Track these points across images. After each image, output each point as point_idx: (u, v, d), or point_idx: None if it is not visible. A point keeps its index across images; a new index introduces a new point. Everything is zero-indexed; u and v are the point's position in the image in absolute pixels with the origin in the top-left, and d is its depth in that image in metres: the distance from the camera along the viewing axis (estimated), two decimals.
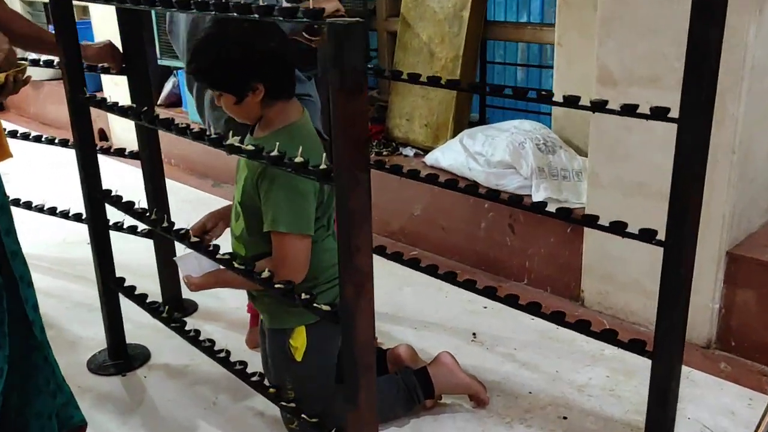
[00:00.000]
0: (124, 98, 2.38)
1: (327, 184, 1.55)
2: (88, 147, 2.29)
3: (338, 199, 1.37)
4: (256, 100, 1.77)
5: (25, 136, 2.81)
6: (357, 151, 1.31)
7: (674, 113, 1.70)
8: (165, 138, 2.71)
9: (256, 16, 1.47)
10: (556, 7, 3.25)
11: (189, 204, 4.12)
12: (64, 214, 2.93)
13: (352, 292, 1.43)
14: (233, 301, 2.92)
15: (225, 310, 2.95)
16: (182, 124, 1.80)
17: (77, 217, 2.90)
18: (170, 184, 2.93)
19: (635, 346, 1.95)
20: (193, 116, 4.41)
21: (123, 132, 5.12)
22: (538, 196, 2.98)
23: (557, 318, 2.15)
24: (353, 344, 1.49)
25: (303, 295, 1.60)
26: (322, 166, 1.42)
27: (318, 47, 2.33)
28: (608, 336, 2.06)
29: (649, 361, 1.91)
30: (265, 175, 1.76)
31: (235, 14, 1.50)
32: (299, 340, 1.94)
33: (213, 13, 1.55)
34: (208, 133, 1.71)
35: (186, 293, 2.91)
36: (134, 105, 2.12)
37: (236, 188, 1.90)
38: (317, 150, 1.81)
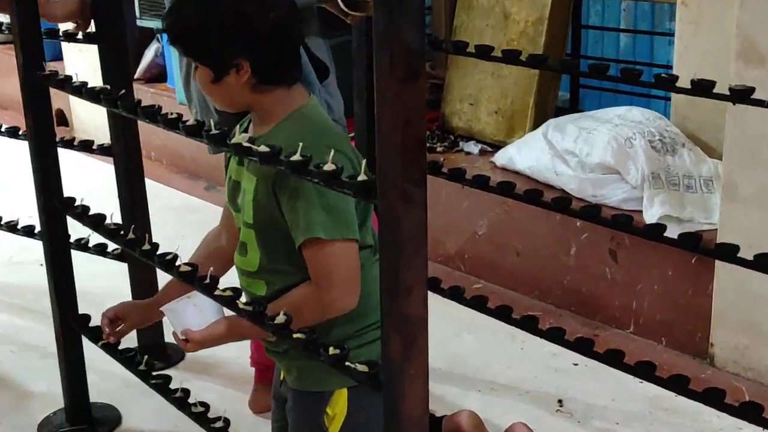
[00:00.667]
0: (90, 69, 2.46)
1: (369, 202, 1.59)
2: (46, 139, 2.39)
3: (383, 221, 1.40)
4: (240, 81, 1.81)
5: None
6: (411, 158, 1.34)
7: None
8: (145, 126, 2.75)
9: None
10: None
11: (173, 213, 4.21)
12: (11, 227, 3.00)
13: (398, 349, 1.45)
14: (232, 348, 2.94)
15: (221, 360, 3.01)
16: (172, 113, 1.86)
17: (28, 231, 2.92)
18: (150, 185, 2.99)
19: None
20: (182, 96, 4.49)
21: (88, 115, 5.23)
22: (651, 213, 2.99)
23: (677, 383, 2.11)
24: (399, 420, 1.51)
25: (332, 350, 1.64)
26: (362, 177, 1.46)
27: (352, 24, 2.38)
28: (749, 411, 2.04)
29: None
30: (283, 180, 1.81)
31: None
32: (338, 407, 1.98)
33: None
34: (206, 127, 1.77)
35: (171, 336, 2.97)
36: (107, 86, 2.19)
37: (238, 210, 1.97)
38: (345, 145, 1.87)
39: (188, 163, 4.85)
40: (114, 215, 2.32)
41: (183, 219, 4.13)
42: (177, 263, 1.95)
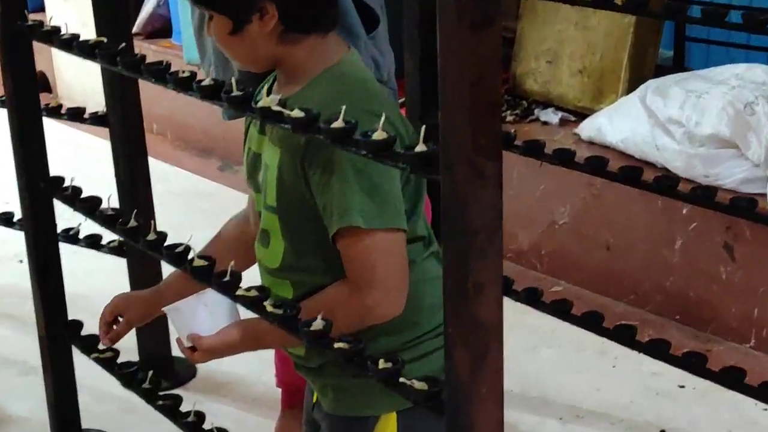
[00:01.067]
0: (79, 22, 2.47)
1: (430, 178, 1.57)
2: (29, 106, 2.41)
3: (447, 204, 1.38)
4: (264, 30, 1.82)
5: None
6: (483, 124, 1.32)
7: None
8: (146, 91, 2.80)
9: None
10: None
11: (181, 198, 4.30)
12: None
13: (466, 363, 1.43)
14: (253, 363, 2.99)
15: (241, 378, 3.08)
16: (183, 71, 1.87)
17: (6, 220, 3.04)
18: (153, 164, 3.05)
19: None
20: (191, 53, 4.52)
21: (74, 78, 5.35)
22: None
23: None
24: None
25: (383, 363, 1.62)
26: (421, 148, 1.43)
27: None
28: None
29: None
30: (314, 154, 1.80)
31: None
32: None
33: None
34: (226, 87, 1.76)
35: (178, 350, 3.00)
36: (103, 39, 2.20)
37: (258, 189, 1.96)
38: (393, 111, 1.85)
39: (199, 136, 4.94)
40: (111, 199, 2.34)
41: (193, 206, 4.20)
42: (190, 256, 1.95)
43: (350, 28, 2.27)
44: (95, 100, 2.91)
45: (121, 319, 2.22)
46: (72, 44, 2.17)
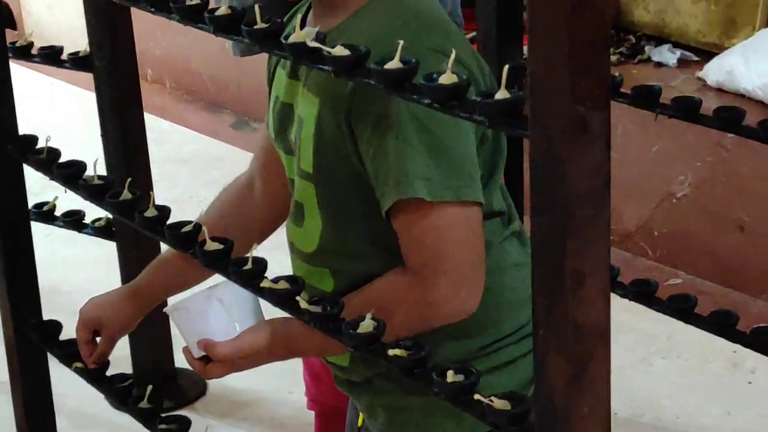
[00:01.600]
0: None
1: (514, 134, 1.58)
2: None
3: (538, 168, 1.38)
4: None
5: None
6: (586, 65, 1.32)
7: None
8: (140, 25, 2.84)
9: None
10: None
11: (185, 165, 4.40)
12: None
13: (563, 376, 1.44)
14: (278, 377, 3.08)
15: (261, 396, 3.15)
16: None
17: None
18: (150, 121, 3.10)
19: None
20: None
21: (47, 10, 5.48)
22: None
23: None
24: None
25: (452, 375, 1.63)
26: (502, 95, 1.43)
27: None
28: None
29: None
30: (363, 104, 1.81)
31: None
32: None
33: None
34: (247, 19, 1.79)
35: (184, 360, 3.02)
36: None
37: (290, 151, 1.97)
38: (464, 48, 1.86)
39: (206, 85, 5.04)
40: (97, 165, 2.35)
41: (199, 174, 4.31)
42: (201, 237, 1.97)
43: None
44: (73, 39, 2.94)
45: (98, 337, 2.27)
46: None
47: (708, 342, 2.46)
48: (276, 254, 2.09)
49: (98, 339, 2.27)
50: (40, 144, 2.44)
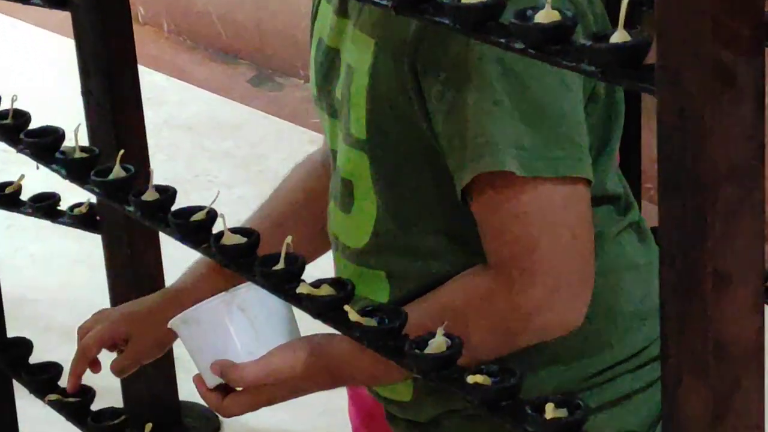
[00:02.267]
0: None
1: (636, 89, 1.58)
2: None
3: (669, 135, 1.38)
4: None
5: None
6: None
7: None
8: None
9: None
10: None
11: (190, 132, 4.49)
12: None
13: (702, 411, 1.45)
14: (318, 414, 3.13)
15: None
16: None
17: None
18: (143, 75, 3.18)
19: None
20: None
21: None
22: None
23: None
24: None
25: (552, 410, 1.64)
26: (619, 37, 1.44)
27: None
28: None
29: None
30: (434, 49, 1.83)
31: None
32: None
33: None
34: None
35: (190, 391, 3.09)
36: None
37: (335, 113, 1.98)
38: None
39: (215, 26, 5.16)
40: (79, 131, 2.38)
41: (209, 145, 4.40)
42: (216, 230, 1.98)
43: None
44: None
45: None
46: None
47: None
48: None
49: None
50: (3, 106, 2.47)
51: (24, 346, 2.61)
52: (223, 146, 4.29)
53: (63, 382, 2.66)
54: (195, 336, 1.98)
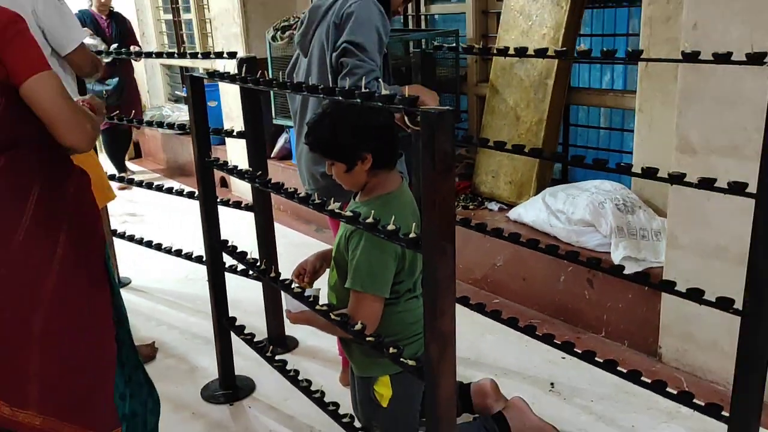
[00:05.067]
0: (244, 152, 5.65)
1: (417, 252, 2.84)
2: (210, 201, 5.05)
3: (425, 265, 2.58)
4: (364, 168, 3.61)
5: (159, 188, 6.81)
6: (445, 225, 2.53)
7: (753, 184, 3.50)
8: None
9: (359, 101, 3.22)
10: (637, 76, 6.34)
11: (295, 248, 7.78)
12: (188, 256, 6.94)
13: (436, 353, 2.71)
14: (331, 339, 5.49)
15: (323, 347, 6.13)
16: (291, 188, 3.82)
17: (198, 259, 6.66)
18: (279, 228, 5.73)
19: (711, 410, 4.07)
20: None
21: (241, 182, 8.78)
22: (617, 255, 5.77)
23: (634, 377, 4.23)
24: (436, 400, 2.88)
25: (391, 349, 3.10)
26: (412, 235, 2.73)
27: (412, 133, 4.74)
28: (684, 398, 4.06)
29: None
30: (353, 236, 3.42)
31: (340, 98, 3.38)
32: (385, 389, 3.84)
33: (322, 96, 3.53)
34: (307, 191, 4.19)
35: (288, 329, 6.28)
36: (251, 168, 4.87)
37: (335, 243, 3.68)
38: (410, 219, 3.45)
39: (304, 213, 9.43)
40: (253, 252, 4.90)
41: (299, 251, 6.51)
42: (288, 286, 3.84)
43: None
44: (251, 192, 6.22)
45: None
46: (233, 171, 4.59)
47: (508, 329, 5.22)
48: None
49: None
50: (230, 243, 4.66)
51: (234, 319, 5.25)
52: (305, 252, 4.93)
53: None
54: (287, 301, 3.70)
